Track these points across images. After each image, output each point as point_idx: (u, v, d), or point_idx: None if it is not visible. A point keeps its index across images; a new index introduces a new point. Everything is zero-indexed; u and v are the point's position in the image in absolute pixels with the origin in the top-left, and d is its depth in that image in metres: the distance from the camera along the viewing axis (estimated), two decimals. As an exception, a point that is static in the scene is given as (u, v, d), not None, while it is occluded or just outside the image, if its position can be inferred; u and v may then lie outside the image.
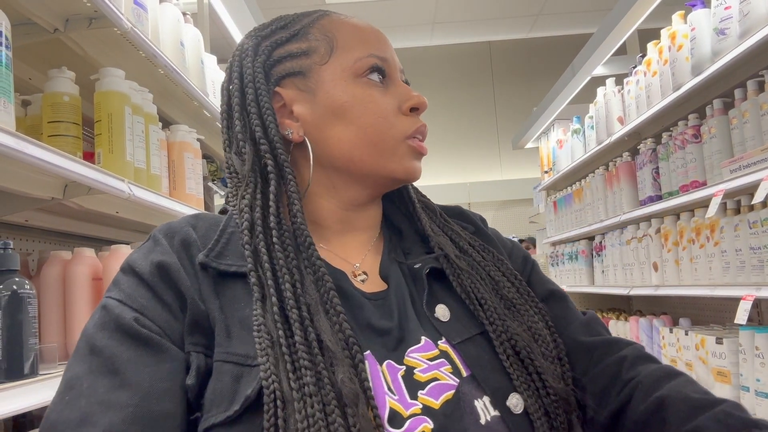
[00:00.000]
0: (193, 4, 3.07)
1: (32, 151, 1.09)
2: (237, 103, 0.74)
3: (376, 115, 0.71)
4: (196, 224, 0.70)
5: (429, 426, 0.59)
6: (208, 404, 0.58)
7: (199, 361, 0.61)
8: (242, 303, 0.63)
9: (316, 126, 0.72)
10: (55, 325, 1.42)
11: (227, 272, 0.65)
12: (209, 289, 0.64)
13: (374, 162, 0.72)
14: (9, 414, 0.99)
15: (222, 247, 0.66)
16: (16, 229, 1.68)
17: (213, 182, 2.42)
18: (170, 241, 0.67)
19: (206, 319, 0.62)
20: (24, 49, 1.56)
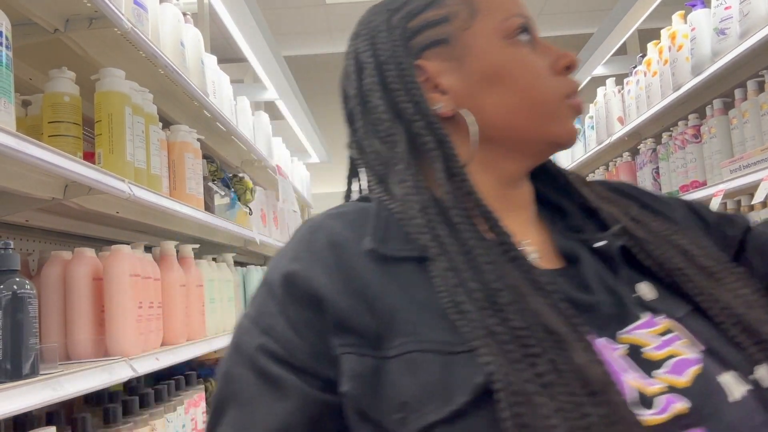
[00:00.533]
0: (193, 4, 3.07)
1: (33, 151, 1.09)
2: (375, 82, 0.67)
3: (535, 76, 0.66)
4: (341, 216, 0.64)
5: (684, 406, 0.52)
6: (414, 401, 0.52)
7: (352, 364, 0.55)
8: (419, 288, 0.57)
9: (468, 96, 0.66)
10: (56, 325, 1.42)
11: (396, 258, 0.59)
12: (376, 277, 0.58)
13: (537, 127, 0.66)
14: (9, 414, 0.99)
15: (383, 233, 0.61)
16: (16, 229, 1.68)
17: (213, 182, 2.42)
18: (310, 243, 0.61)
19: (359, 314, 0.56)
20: (24, 49, 1.56)
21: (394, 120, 0.66)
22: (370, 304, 0.56)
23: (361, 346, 0.55)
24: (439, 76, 0.67)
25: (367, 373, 0.54)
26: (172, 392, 1.83)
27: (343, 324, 0.56)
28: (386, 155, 0.66)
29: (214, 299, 2.13)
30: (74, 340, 1.41)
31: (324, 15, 6.12)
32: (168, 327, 1.72)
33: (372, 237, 0.60)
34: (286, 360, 0.57)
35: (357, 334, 0.56)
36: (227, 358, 0.61)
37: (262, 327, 0.59)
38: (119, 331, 1.44)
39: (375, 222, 0.62)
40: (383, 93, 0.67)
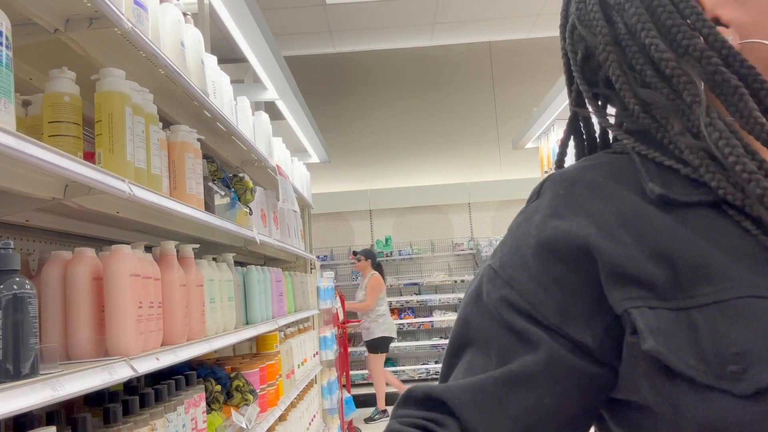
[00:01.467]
0: (193, 4, 3.07)
1: (33, 151, 1.09)
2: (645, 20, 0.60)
3: None
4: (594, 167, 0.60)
5: None
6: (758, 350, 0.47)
7: (647, 318, 0.51)
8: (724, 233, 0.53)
9: (757, 30, 0.58)
10: (56, 325, 1.42)
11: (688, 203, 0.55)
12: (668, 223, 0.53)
13: None
14: (9, 414, 0.99)
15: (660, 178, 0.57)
16: (16, 229, 1.68)
17: (213, 182, 2.42)
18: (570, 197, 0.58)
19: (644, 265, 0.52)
20: (24, 49, 1.56)
21: (679, 58, 0.58)
22: (659, 252, 0.52)
23: (648, 298, 0.52)
24: (718, 8, 0.60)
25: (667, 327, 0.50)
26: (172, 392, 1.83)
27: (624, 275, 0.53)
28: (663, 103, 0.59)
29: (214, 299, 2.13)
30: (74, 340, 1.41)
31: (324, 15, 6.12)
32: (168, 327, 1.72)
33: (655, 183, 0.56)
34: (529, 314, 0.56)
35: (641, 285, 0.52)
36: (466, 305, 0.61)
37: (506, 278, 0.58)
38: (119, 331, 1.44)
39: (646, 169, 0.58)
40: (658, 30, 0.59)
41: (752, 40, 0.58)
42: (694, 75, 0.57)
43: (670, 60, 0.58)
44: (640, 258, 0.53)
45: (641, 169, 0.58)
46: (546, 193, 0.61)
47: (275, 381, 2.90)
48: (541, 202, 0.60)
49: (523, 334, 0.55)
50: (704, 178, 0.56)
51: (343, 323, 6.24)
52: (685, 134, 0.57)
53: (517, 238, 0.60)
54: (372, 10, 6.38)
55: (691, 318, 0.50)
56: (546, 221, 0.58)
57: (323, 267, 6.99)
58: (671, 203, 0.55)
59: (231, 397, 2.37)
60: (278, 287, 3.24)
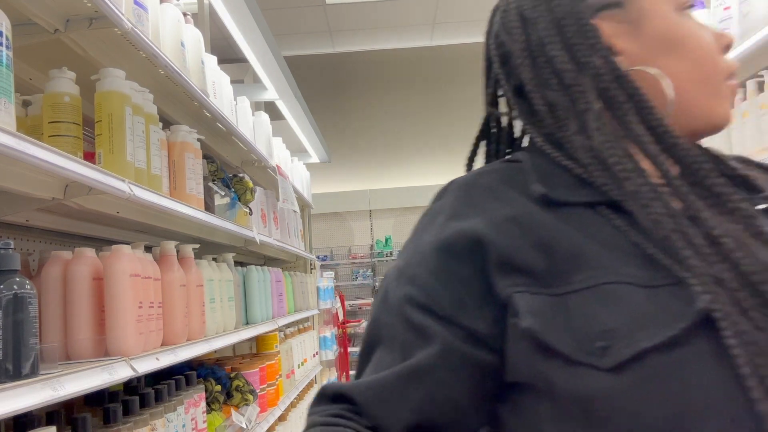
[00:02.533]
0: (193, 5, 3.07)
1: (33, 151, 1.09)
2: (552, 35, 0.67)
3: (707, 50, 0.67)
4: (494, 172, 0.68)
5: None
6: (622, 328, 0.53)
7: (527, 301, 0.57)
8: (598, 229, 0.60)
9: (643, 60, 0.67)
10: (56, 325, 1.42)
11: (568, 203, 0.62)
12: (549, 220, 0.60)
13: (702, 101, 0.66)
14: (9, 414, 0.99)
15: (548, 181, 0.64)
16: (16, 229, 1.68)
17: (213, 182, 2.42)
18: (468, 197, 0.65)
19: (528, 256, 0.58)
20: (24, 49, 1.56)
21: (578, 72, 0.66)
22: (541, 244, 0.59)
23: (530, 285, 0.58)
24: (613, 37, 0.68)
25: (545, 309, 0.56)
26: (172, 392, 1.83)
27: (510, 265, 0.59)
28: (565, 106, 0.66)
29: (214, 299, 2.13)
30: (74, 340, 1.41)
31: (324, 15, 6.12)
32: (168, 327, 1.72)
33: (540, 184, 0.63)
34: (428, 307, 0.61)
35: (525, 273, 0.58)
36: (376, 305, 0.66)
37: (408, 276, 0.63)
38: (119, 331, 1.44)
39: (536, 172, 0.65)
40: (562, 46, 0.67)
41: (638, 67, 0.67)
42: (588, 87, 0.65)
43: (570, 72, 0.66)
44: (525, 249, 0.59)
45: (531, 173, 0.65)
46: (448, 196, 0.67)
47: (275, 381, 2.90)
48: (443, 203, 0.67)
49: (421, 329, 0.61)
50: (592, 175, 0.63)
51: (343, 323, 6.24)
52: (579, 134, 0.65)
53: (420, 239, 0.66)
54: (372, 10, 6.38)
55: (567, 302, 0.56)
56: (446, 222, 0.64)
57: (323, 267, 6.99)
58: (554, 203, 0.62)
59: (231, 397, 2.37)
60: (278, 287, 3.24)
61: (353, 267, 8.24)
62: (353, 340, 7.87)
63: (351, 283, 8.07)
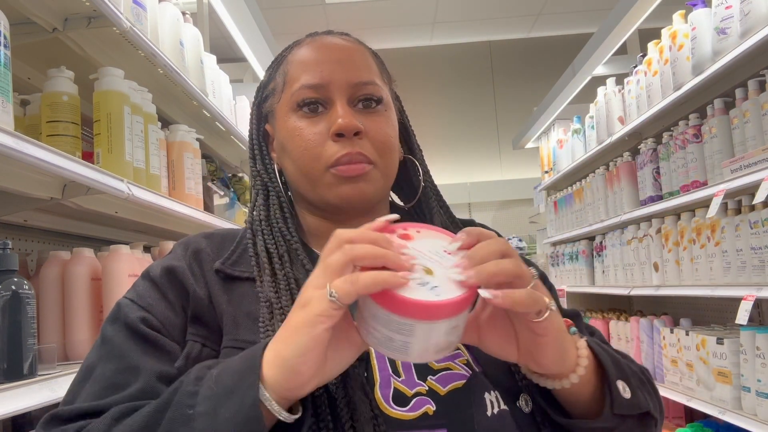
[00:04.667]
0: (192, 4, 3.07)
1: (31, 151, 1.08)
2: (252, 130, 0.86)
3: (302, 148, 0.77)
4: (210, 237, 0.81)
5: (431, 407, 0.65)
6: None
7: (193, 349, 0.70)
8: (249, 300, 0.72)
9: (279, 159, 0.83)
10: (54, 326, 1.41)
11: (239, 277, 0.75)
12: (220, 290, 0.73)
13: (309, 191, 0.78)
14: (8, 414, 0.99)
15: (237, 256, 0.77)
16: (15, 229, 1.67)
17: (212, 182, 2.42)
18: (184, 250, 0.78)
19: (210, 314, 0.72)
20: (23, 48, 1.56)
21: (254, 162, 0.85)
22: (216, 309, 0.72)
23: (206, 338, 0.71)
24: (272, 139, 0.84)
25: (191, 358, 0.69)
26: (172, 393, 1.83)
27: (198, 318, 0.72)
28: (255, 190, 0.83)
29: (213, 299, 2.12)
30: (73, 341, 1.41)
31: (324, 15, 6.12)
32: (167, 327, 1.71)
33: (224, 259, 0.76)
34: (161, 331, 0.70)
35: (206, 328, 0.71)
36: (104, 329, 0.72)
37: (143, 304, 0.72)
38: (118, 331, 1.44)
39: (234, 245, 0.79)
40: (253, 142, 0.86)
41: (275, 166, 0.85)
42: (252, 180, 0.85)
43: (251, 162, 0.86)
44: (207, 311, 0.72)
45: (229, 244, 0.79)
46: (174, 248, 0.80)
47: (275, 381, 2.89)
48: (169, 253, 0.80)
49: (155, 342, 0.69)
50: None
51: (342, 323, 6.23)
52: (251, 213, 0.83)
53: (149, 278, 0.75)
54: (372, 10, 6.37)
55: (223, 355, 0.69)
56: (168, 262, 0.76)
57: (323, 267, 6.96)
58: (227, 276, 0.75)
59: (230, 397, 2.37)
60: (278, 287, 3.23)
61: (353, 267, 8.24)
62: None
63: (351, 283, 8.05)
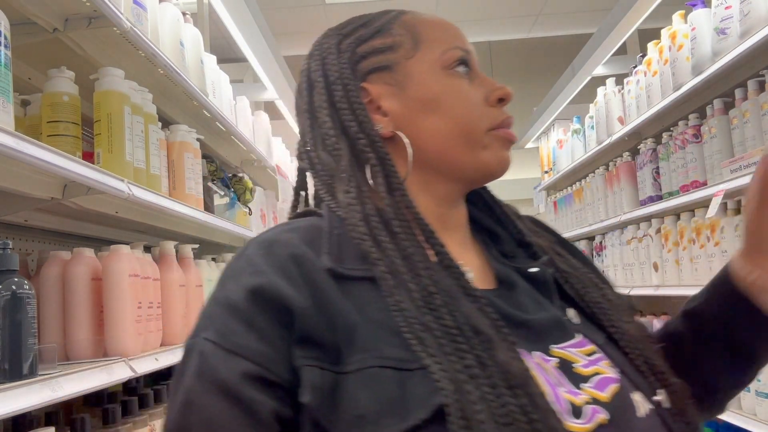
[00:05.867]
0: (192, 4, 3.07)
1: (31, 151, 1.09)
2: (324, 100, 0.72)
3: (467, 106, 0.72)
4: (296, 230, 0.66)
5: (605, 417, 0.59)
6: (371, 415, 0.55)
7: (313, 376, 0.56)
8: (374, 306, 0.60)
9: (406, 120, 0.72)
10: (55, 326, 1.41)
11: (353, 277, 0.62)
12: (337, 294, 0.60)
13: (467, 153, 0.71)
14: (8, 414, 0.99)
15: (338, 251, 0.63)
16: (15, 229, 1.68)
17: (213, 182, 2.42)
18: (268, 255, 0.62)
19: (320, 327, 0.58)
20: (23, 48, 1.56)
21: (339, 136, 0.71)
22: (331, 320, 0.59)
23: (322, 360, 0.57)
24: (381, 98, 0.73)
25: (326, 387, 0.56)
26: (172, 392, 1.83)
27: (308, 337, 0.58)
28: (332, 167, 0.71)
29: (213, 299, 2.12)
30: (73, 341, 1.41)
31: (324, 15, 6.12)
32: (167, 327, 1.72)
33: (329, 255, 0.63)
34: (262, 377, 0.57)
35: (319, 347, 0.58)
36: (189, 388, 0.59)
37: (230, 347, 0.58)
38: (118, 331, 1.44)
39: (329, 239, 0.65)
40: (331, 110, 0.72)
41: (396, 131, 0.71)
42: (344, 151, 0.70)
43: (331, 137, 0.71)
44: (320, 324, 0.58)
45: (325, 238, 0.65)
46: (246, 255, 0.64)
47: (275, 381, 2.90)
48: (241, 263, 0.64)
49: (251, 408, 0.56)
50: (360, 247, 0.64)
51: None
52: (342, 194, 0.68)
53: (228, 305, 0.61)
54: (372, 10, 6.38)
55: (344, 382, 0.56)
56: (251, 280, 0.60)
57: (323, 267, 6.97)
58: (342, 276, 0.62)
59: (230, 397, 2.37)
60: (278, 287, 3.23)
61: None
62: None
63: (351, 283, 8.05)
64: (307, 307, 0.59)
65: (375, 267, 0.61)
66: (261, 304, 0.59)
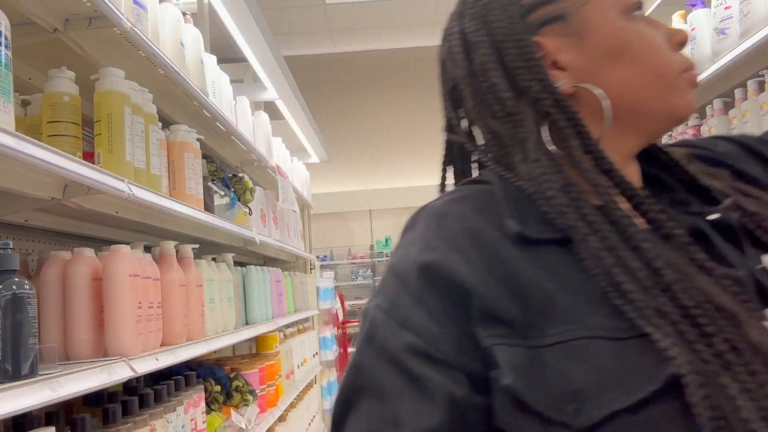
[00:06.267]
0: (193, 4, 3.07)
1: (32, 151, 1.09)
2: (492, 61, 0.65)
3: (656, 50, 0.66)
4: (466, 199, 0.63)
5: None
6: (591, 389, 0.51)
7: (509, 355, 0.53)
8: (570, 272, 0.56)
9: (589, 73, 0.65)
10: (55, 326, 1.41)
11: (540, 240, 0.58)
12: (524, 262, 0.57)
13: (659, 99, 0.65)
14: (8, 414, 0.99)
15: (521, 215, 0.59)
16: (15, 229, 1.68)
17: (213, 182, 2.42)
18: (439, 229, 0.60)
19: (504, 301, 0.55)
20: (24, 48, 1.56)
21: (517, 98, 0.64)
22: (518, 292, 0.55)
23: (510, 336, 0.54)
24: (558, 52, 0.66)
25: (523, 364, 0.53)
26: (172, 392, 1.83)
27: (490, 314, 0.55)
28: (507, 134, 0.65)
29: (213, 299, 2.13)
30: (73, 341, 1.41)
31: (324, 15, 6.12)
32: (167, 327, 1.72)
33: (514, 220, 0.59)
34: (429, 354, 0.56)
35: (504, 323, 0.55)
36: (360, 350, 0.60)
37: (398, 319, 0.57)
38: (118, 331, 1.44)
39: (507, 204, 0.60)
40: (503, 71, 0.65)
41: (582, 84, 0.65)
42: (528, 114, 0.63)
43: (509, 99, 0.64)
44: (503, 298, 0.55)
45: (503, 203, 0.61)
46: (419, 226, 0.62)
47: (275, 381, 2.90)
48: (414, 234, 0.62)
49: (419, 381, 0.55)
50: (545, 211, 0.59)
51: (342, 323, 6.24)
52: (523, 163, 0.63)
53: (399, 275, 0.60)
54: (372, 10, 6.37)
55: (541, 357, 0.53)
56: (422, 255, 0.59)
57: (323, 267, 6.99)
58: (528, 241, 0.58)
59: (230, 397, 2.37)
60: (278, 287, 3.23)
61: (353, 267, 8.25)
62: (353, 341, 7.87)
63: (351, 283, 8.07)
64: (486, 282, 0.56)
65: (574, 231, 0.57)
66: (431, 281, 0.57)
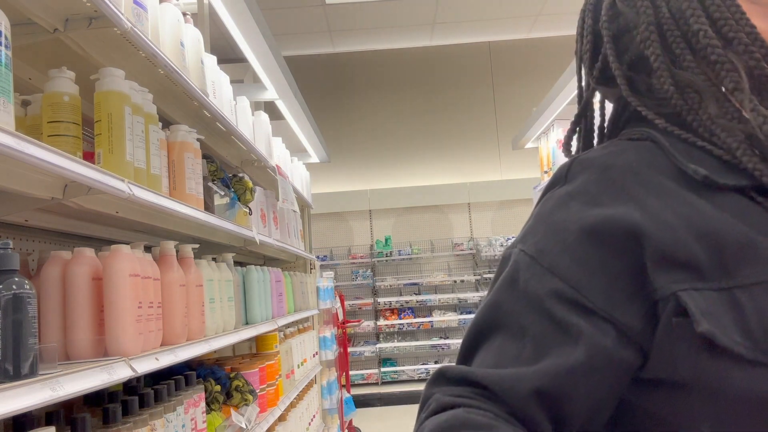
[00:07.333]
0: (193, 4, 3.07)
1: (32, 151, 1.09)
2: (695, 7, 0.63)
3: None
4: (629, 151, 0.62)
5: None
6: None
7: (697, 301, 0.53)
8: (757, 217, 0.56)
9: None
10: (55, 325, 1.41)
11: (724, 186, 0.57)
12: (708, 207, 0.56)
13: None
14: (8, 414, 0.99)
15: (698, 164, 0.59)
16: (16, 229, 1.68)
17: (213, 182, 2.42)
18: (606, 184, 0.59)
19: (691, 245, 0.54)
20: (24, 48, 1.56)
21: (724, 48, 0.61)
22: (706, 235, 0.55)
23: (693, 280, 0.54)
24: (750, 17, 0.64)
25: (714, 307, 0.52)
26: (172, 392, 1.83)
27: (670, 258, 0.54)
28: (702, 85, 0.62)
29: (213, 299, 2.13)
30: (73, 340, 1.41)
31: (324, 15, 6.12)
32: (168, 327, 1.72)
33: (696, 166, 0.58)
34: (577, 301, 0.56)
35: (687, 267, 0.54)
36: (498, 289, 0.60)
37: (546, 264, 0.57)
38: (119, 331, 1.44)
39: (680, 155, 0.60)
40: (708, 21, 0.62)
41: None
42: (738, 64, 0.60)
43: (717, 47, 0.61)
44: (687, 241, 0.55)
45: (675, 153, 0.60)
46: (576, 178, 0.61)
47: (275, 381, 2.90)
48: (572, 187, 0.61)
49: (563, 325, 0.55)
50: (741, 159, 0.58)
51: (342, 323, 6.24)
52: (722, 117, 0.60)
53: (553, 224, 0.60)
54: (372, 10, 6.37)
55: (735, 297, 0.52)
56: (586, 209, 0.58)
57: (323, 267, 6.99)
58: (706, 187, 0.57)
59: (230, 397, 2.37)
60: (278, 287, 3.24)
61: (353, 267, 8.24)
62: (353, 340, 7.87)
63: (351, 283, 8.07)
64: (666, 228, 0.55)
65: None
66: (596, 242, 0.57)
